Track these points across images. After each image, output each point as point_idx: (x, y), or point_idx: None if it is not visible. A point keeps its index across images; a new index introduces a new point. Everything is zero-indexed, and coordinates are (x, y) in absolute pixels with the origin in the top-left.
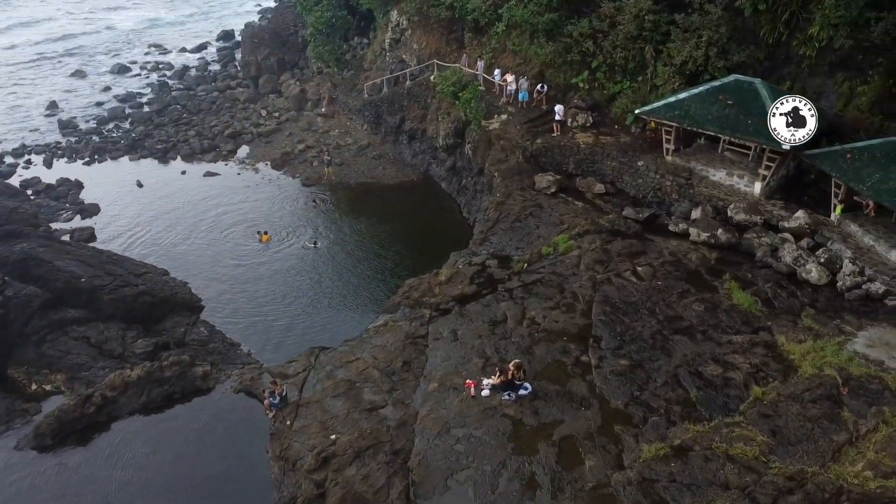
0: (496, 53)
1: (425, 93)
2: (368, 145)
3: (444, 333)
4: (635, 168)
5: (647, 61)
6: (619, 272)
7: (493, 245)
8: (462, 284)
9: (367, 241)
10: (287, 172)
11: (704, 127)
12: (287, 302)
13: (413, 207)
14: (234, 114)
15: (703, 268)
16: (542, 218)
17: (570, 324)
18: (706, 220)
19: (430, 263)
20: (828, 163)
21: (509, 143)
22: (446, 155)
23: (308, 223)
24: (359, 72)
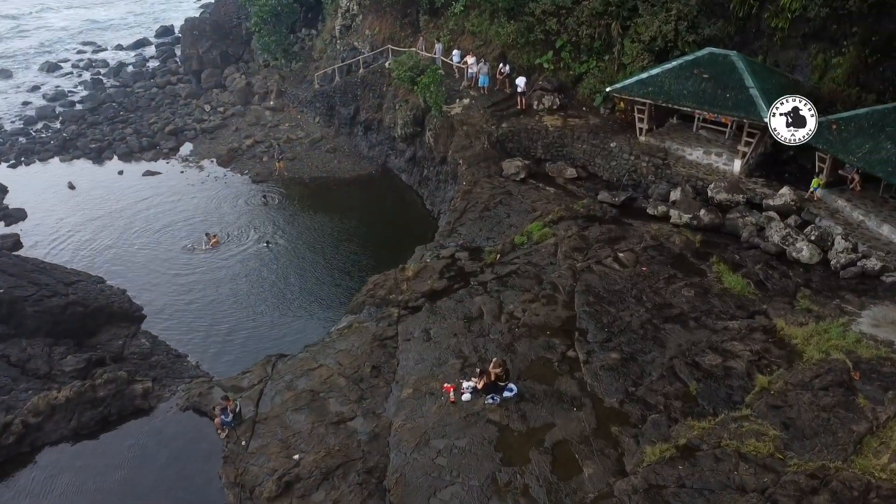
0: (454, 35)
1: (380, 80)
2: (321, 138)
3: (415, 333)
4: (608, 150)
5: (613, 39)
6: (599, 259)
7: (461, 236)
8: (431, 279)
9: (325, 239)
10: (234, 169)
11: (680, 103)
12: (239, 307)
13: (372, 202)
14: (175, 110)
15: (688, 251)
16: (513, 206)
17: (552, 317)
18: (687, 202)
19: (394, 259)
20: (813, 135)
21: (473, 128)
22: (405, 145)
23: (259, 222)
24: (308, 63)
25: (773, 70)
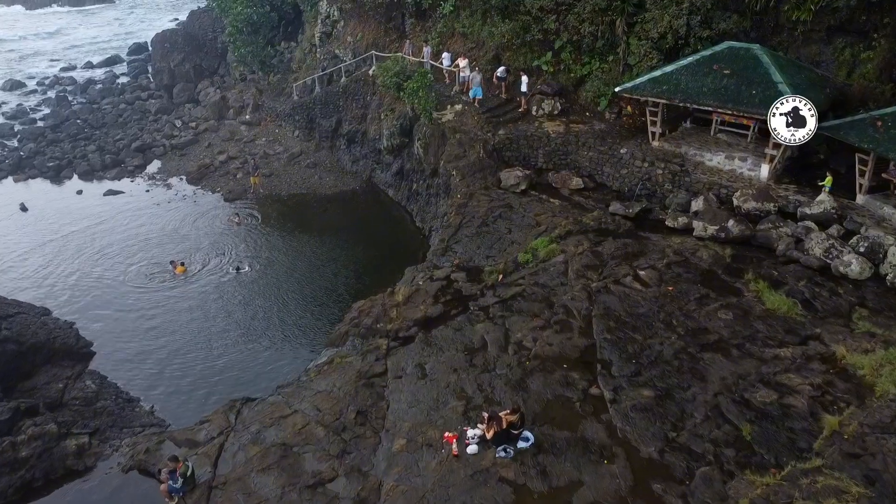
0: (444, 38)
1: (364, 89)
2: (301, 153)
3: (407, 369)
4: (617, 157)
5: (618, 37)
6: (617, 278)
7: (457, 255)
8: (424, 305)
9: (304, 261)
10: (205, 187)
11: (700, 101)
12: (204, 341)
13: (356, 219)
14: (143, 126)
15: (719, 267)
16: (514, 220)
17: (567, 346)
18: (711, 212)
19: (381, 283)
20: (855, 134)
21: (467, 136)
22: (392, 157)
23: (231, 245)
24: (286, 75)
25: (800, 64)
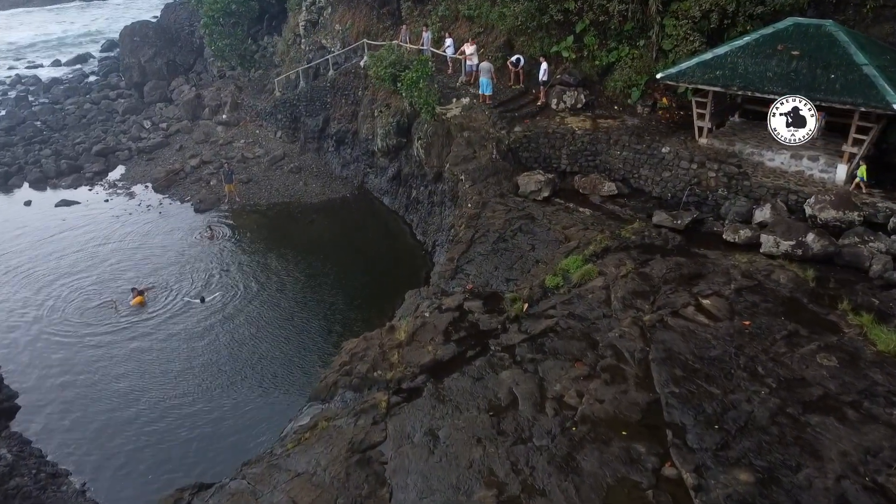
0: (446, 23)
1: (354, 83)
2: (284, 156)
3: (415, 437)
4: (658, 158)
5: (650, 17)
6: (675, 309)
7: (470, 278)
8: (433, 344)
9: (284, 286)
10: (174, 195)
11: (765, 89)
12: (155, 394)
13: (347, 232)
14: (108, 127)
15: (802, 293)
16: (537, 234)
17: (624, 403)
18: (784, 223)
19: (377, 310)
20: None
21: (477, 134)
22: (387, 160)
23: (200, 266)
24: (269, 70)
25: (880, 44)
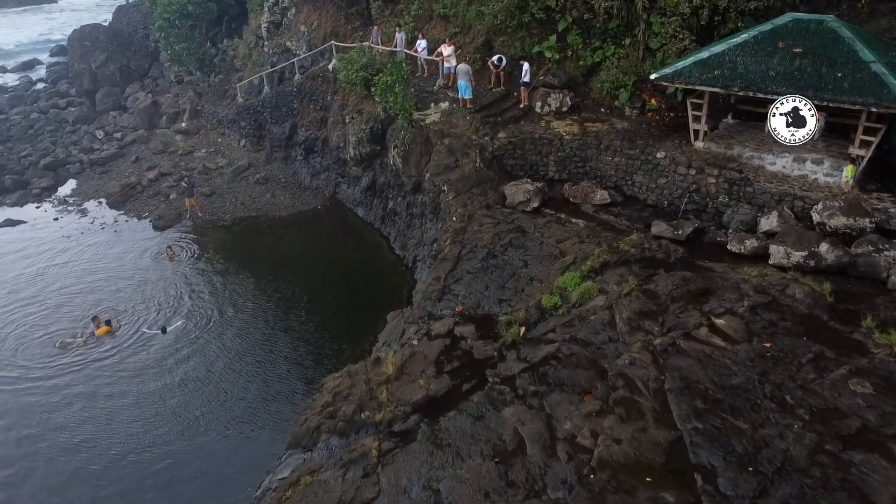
0: (419, 23)
1: (323, 87)
2: (249, 166)
3: (412, 491)
4: (653, 163)
5: (636, 14)
6: (687, 330)
7: (459, 299)
8: (425, 377)
9: (253, 311)
10: (130, 211)
11: (768, 90)
12: (104, 439)
13: (320, 247)
14: (57, 139)
15: (821, 310)
16: (530, 249)
17: (644, 444)
18: (794, 233)
19: (357, 335)
20: None
21: (458, 141)
22: (360, 169)
23: (160, 290)
24: (230, 75)
25: (884, 40)
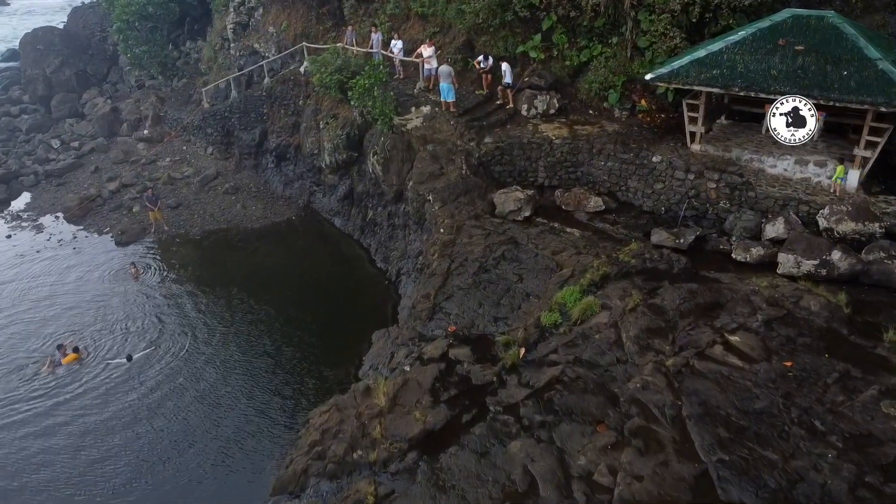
0: (396, 23)
1: (294, 91)
2: (217, 175)
3: None
4: (649, 167)
5: (623, 12)
6: (700, 349)
7: (451, 318)
8: (420, 407)
9: (226, 332)
10: (90, 226)
11: (770, 89)
12: (63, 487)
13: (296, 261)
14: (9, 149)
15: (839, 323)
16: (524, 262)
17: (667, 480)
18: (803, 240)
19: (341, 357)
20: None
21: (443, 147)
22: (337, 177)
23: (123, 312)
24: (194, 79)
25: (885, 36)
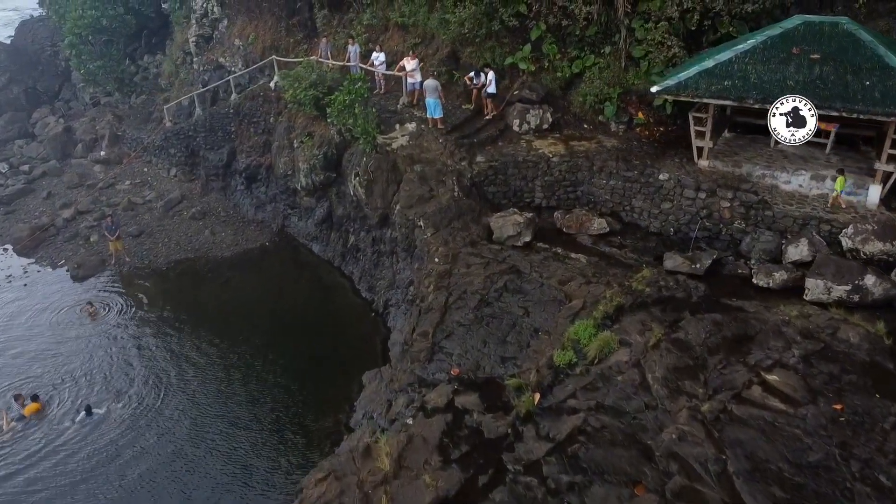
0: (374, 34)
1: (264, 108)
2: (182, 199)
3: None
4: (655, 185)
5: (617, 19)
6: (736, 390)
7: (453, 359)
8: (430, 470)
9: (196, 380)
10: (43, 259)
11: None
12: None
13: (272, 292)
14: None
15: (883, 356)
16: (529, 293)
17: None
18: (831, 263)
19: (328, 403)
20: None
21: (432, 167)
22: (314, 200)
23: (81, 358)
24: (153, 95)
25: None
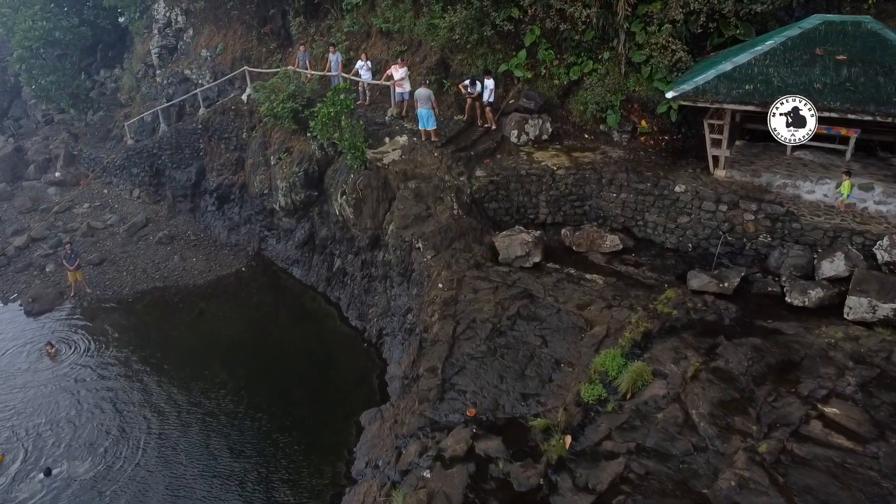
0: (355, 41)
1: (236, 123)
2: (147, 222)
3: None
4: (671, 198)
5: (616, 23)
6: (793, 426)
7: (467, 397)
8: None
9: (169, 432)
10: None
11: (818, 106)
12: None
13: (252, 322)
14: None
15: None
16: (545, 320)
17: None
18: (874, 280)
19: (324, 450)
20: None
21: (428, 183)
22: (294, 220)
23: (37, 408)
24: (112, 111)
25: None
